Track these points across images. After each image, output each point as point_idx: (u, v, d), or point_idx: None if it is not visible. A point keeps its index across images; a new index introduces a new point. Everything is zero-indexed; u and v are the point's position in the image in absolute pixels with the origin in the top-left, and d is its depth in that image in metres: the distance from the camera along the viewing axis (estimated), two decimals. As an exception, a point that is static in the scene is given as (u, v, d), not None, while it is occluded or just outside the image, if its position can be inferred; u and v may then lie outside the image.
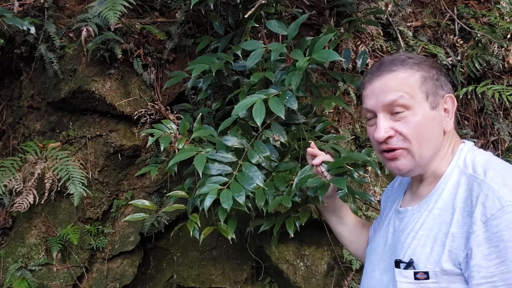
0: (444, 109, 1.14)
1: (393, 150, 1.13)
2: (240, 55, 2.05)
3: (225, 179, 1.82)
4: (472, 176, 1.06)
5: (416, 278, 1.06)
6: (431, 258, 1.04)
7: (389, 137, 1.12)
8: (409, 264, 1.08)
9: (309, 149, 1.56)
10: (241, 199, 1.73)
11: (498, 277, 0.94)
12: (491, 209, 0.96)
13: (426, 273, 1.04)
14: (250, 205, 1.82)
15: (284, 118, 1.70)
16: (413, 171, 1.15)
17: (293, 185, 1.75)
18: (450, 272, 1.01)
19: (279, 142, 1.94)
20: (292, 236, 1.92)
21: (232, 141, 1.87)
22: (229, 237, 1.88)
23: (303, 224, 1.94)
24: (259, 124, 1.67)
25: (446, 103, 1.15)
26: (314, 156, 1.55)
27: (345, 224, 1.55)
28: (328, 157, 1.53)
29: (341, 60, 2.42)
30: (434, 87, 1.13)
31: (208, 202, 1.72)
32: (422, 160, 1.12)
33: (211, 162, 1.83)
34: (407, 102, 1.10)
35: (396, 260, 1.12)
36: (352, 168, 1.57)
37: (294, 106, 1.72)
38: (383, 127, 1.12)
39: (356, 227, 1.55)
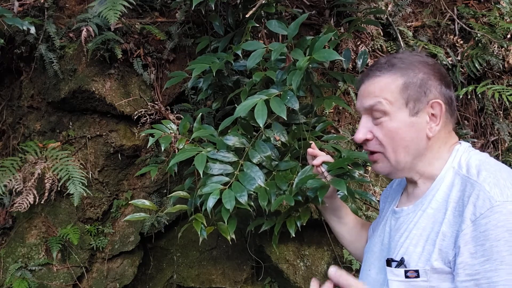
0: (431, 114, 1.13)
1: (372, 153, 1.16)
2: (240, 55, 2.05)
3: (227, 178, 1.82)
4: (465, 177, 1.06)
5: (406, 277, 1.07)
6: (422, 257, 1.05)
7: (367, 139, 1.15)
8: (400, 263, 1.09)
9: (309, 150, 1.56)
10: (243, 199, 1.74)
11: (481, 275, 0.94)
12: (481, 209, 0.97)
13: (416, 271, 1.05)
14: (252, 203, 1.82)
15: (286, 118, 1.71)
16: (392, 174, 1.18)
17: (294, 185, 1.75)
18: (440, 270, 1.02)
19: (279, 142, 1.94)
20: (293, 235, 1.92)
21: (233, 140, 1.87)
22: (229, 237, 1.88)
23: (304, 224, 1.94)
24: (261, 125, 1.68)
25: (433, 109, 1.13)
26: (314, 157, 1.55)
27: (345, 224, 1.55)
28: (328, 158, 1.53)
29: (341, 60, 2.42)
30: (417, 93, 1.12)
31: (211, 203, 1.72)
32: (399, 165, 1.14)
33: (212, 162, 1.83)
34: (385, 108, 1.12)
35: (388, 258, 1.13)
36: (352, 168, 1.57)
37: (296, 106, 1.72)
38: (361, 129, 1.16)
39: (355, 227, 1.55)
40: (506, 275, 0.92)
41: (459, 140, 1.21)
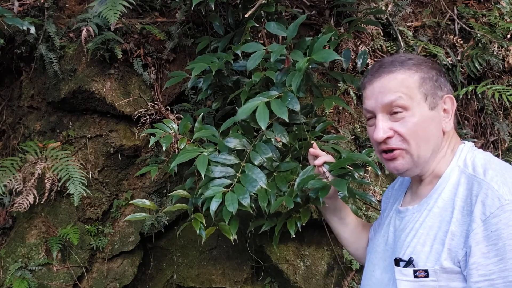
0: (443, 109, 1.15)
1: (392, 150, 1.14)
2: (240, 55, 2.05)
3: (229, 181, 1.81)
4: (472, 175, 1.07)
5: (415, 276, 1.07)
6: (431, 256, 1.05)
7: (388, 137, 1.14)
8: (409, 262, 1.09)
9: (311, 150, 1.57)
10: (246, 202, 1.73)
11: (496, 275, 0.95)
12: (491, 208, 0.97)
13: (426, 271, 1.05)
14: (253, 205, 1.82)
15: (287, 120, 1.71)
16: (411, 171, 1.16)
17: (295, 186, 1.75)
18: (449, 270, 1.02)
19: (280, 143, 1.94)
20: (293, 236, 1.92)
21: (234, 142, 1.87)
22: (231, 238, 1.88)
23: (304, 224, 1.94)
24: (263, 127, 1.67)
25: (445, 104, 1.16)
26: (316, 157, 1.55)
27: (346, 224, 1.55)
28: (330, 158, 1.53)
29: (341, 60, 2.42)
30: (433, 88, 1.14)
31: (214, 206, 1.72)
32: (420, 160, 1.13)
33: (214, 165, 1.83)
34: (405, 103, 1.11)
35: (396, 258, 1.13)
36: (353, 169, 1.57)
37: (297, 107, 1.72)
38: (381, 128, 1.14)
39: (356, 227, 1.55)
40: None
41: (461, 139, 1.22)
